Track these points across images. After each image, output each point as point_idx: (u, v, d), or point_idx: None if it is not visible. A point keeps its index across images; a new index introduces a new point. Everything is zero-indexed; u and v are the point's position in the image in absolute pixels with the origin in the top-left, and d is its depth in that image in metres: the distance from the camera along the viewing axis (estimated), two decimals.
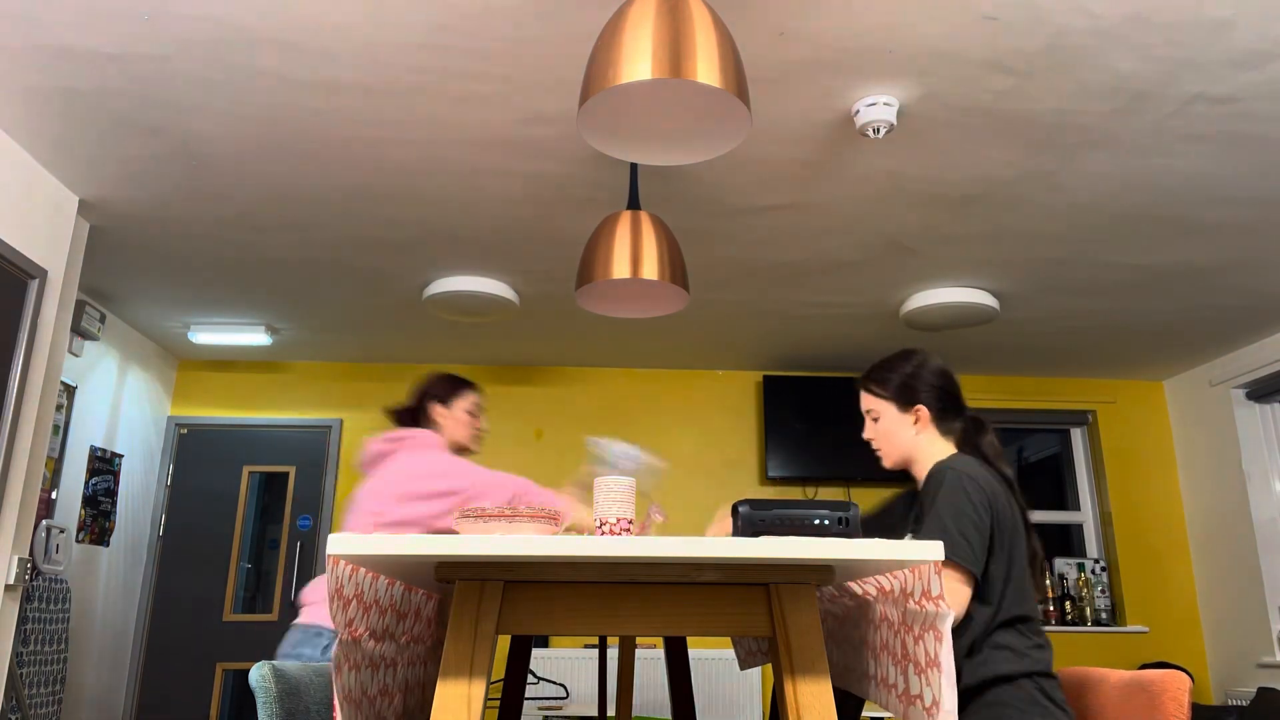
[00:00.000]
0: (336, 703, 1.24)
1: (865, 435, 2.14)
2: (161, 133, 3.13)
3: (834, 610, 1.87)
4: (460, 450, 2.87)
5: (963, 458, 1.96)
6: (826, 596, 1.88)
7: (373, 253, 4.13)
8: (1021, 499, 1.97)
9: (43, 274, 3.36)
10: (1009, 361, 5.65)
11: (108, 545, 4.98)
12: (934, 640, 1.26)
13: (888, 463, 2.11)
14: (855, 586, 1.65)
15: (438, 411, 2.85)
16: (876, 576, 1.52)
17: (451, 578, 1.28)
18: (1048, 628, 5.46)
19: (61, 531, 4.35)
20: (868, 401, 2.12)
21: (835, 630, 1.88)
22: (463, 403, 2.85)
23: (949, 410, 2.06)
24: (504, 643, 5.15)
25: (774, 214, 3.71)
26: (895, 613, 1.45)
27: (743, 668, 2.34)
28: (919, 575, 1.32)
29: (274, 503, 5.63)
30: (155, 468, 5.53)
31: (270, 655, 5.77)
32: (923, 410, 2.04)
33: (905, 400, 2.06)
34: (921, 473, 2.07)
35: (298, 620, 2.55)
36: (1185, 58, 2.66)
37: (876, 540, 1.23)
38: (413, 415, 2.89)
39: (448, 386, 2.88)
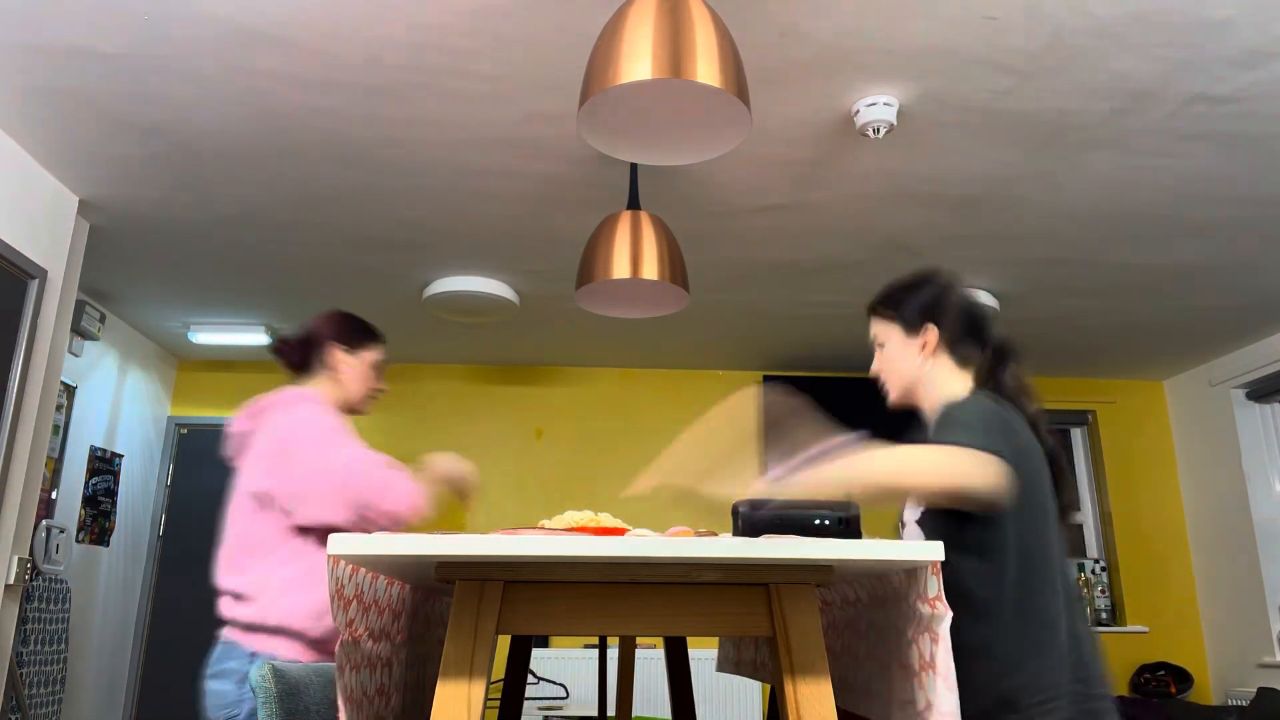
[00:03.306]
0: (340, 704, 1.24)
1: (873, 370, 1.82)
2: (161, 133, 3.13)
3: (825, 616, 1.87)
4: (350, 410, 2.41)
5: (977, 398, 1.62)
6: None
7: (373, 253, 4.12)
8: (1048, 439, 1.64)
9: (43, 274, 3.36)
10: None
11: (108, 545, 4.98)
12: (930, 643, 1.25)
13: (892, 396, 1.79)
14: (849, 592, 1.64)
15: (338, 357, 2.31)
16: (871, 580, 1.51)
17: (451, 578, 1.28)
18: None
19: (61, 531, 4.35)
20: (875, 326, 1.80)
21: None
22: (370, 354, 2.34)
23: (968, 337, 1.72)
24: (504, 643, 5.15)
25: (774, 214, 3.71)
26: (885, 618, 1.43)
27: (717, 669, 2.37)
28: (915, 578, 1.31)
29: None
30: (155, 468, 5.52)
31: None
32: (931, 331, 1.70)
33: (914, 322, 1.73)
34: (928, 407, 1.73)
35: (222, 634, 2.12)
36: (1185, 58, 2.65)
37: (877, 540, 1.23)
38: (303, 352, 2.34)
39: (358, 331, 2.34)
